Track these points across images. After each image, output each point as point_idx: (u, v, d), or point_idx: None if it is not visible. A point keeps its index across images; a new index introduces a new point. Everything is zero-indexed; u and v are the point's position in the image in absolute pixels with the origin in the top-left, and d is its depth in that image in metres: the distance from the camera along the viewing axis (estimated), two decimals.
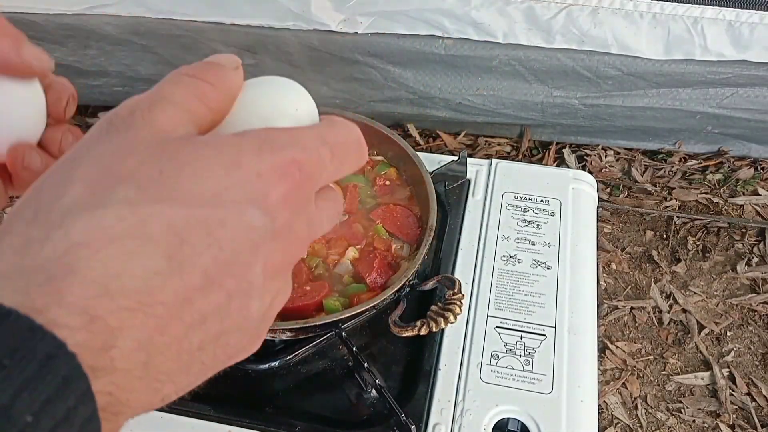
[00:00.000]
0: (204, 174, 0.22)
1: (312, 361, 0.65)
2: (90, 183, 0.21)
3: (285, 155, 0.23)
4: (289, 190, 0.23)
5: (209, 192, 0.21)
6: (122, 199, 0.20)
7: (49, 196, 0.21)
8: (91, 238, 0.19)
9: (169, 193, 0.21)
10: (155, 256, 0.20)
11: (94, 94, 1.40)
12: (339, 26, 1.18)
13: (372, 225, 0.70)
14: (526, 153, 1.43)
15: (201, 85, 0.25)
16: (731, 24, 1.11)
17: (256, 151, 0.23)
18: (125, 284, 0.19)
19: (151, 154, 0.22)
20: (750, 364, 1.12)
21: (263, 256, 0.23)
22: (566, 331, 0.66)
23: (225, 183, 0.22)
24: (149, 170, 0.21)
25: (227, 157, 0.22)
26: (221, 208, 0.21)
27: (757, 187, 1.37)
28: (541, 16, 1.14)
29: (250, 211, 0.22)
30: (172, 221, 0.20)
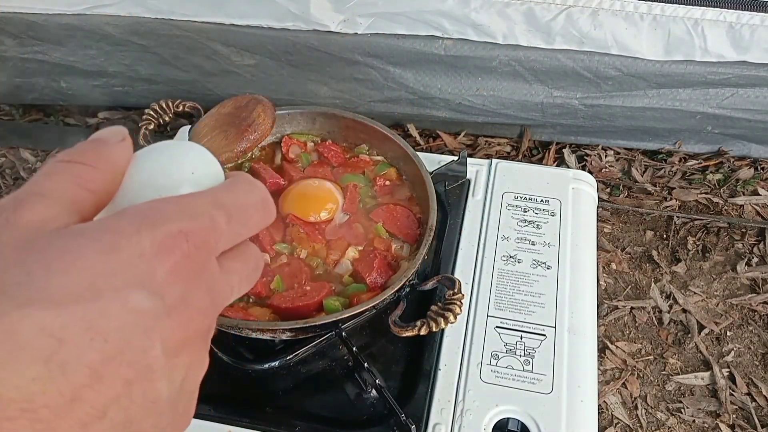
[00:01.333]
0: (77, 265, 0.20)
1: (312, 361, 0.65)
2: None
3: (169, 227, 0.22)
4: (177, 264, 0.22)
5: (84, 283, 0.20)
6: None
7: None
8: None
9: (38, 294, 0.19)
10: (29, 363, 0.19)
11: (94, 94, 1.40)
12: (338, 27, 1.18)
13: (372, 225, 0.70)
14: (526, 153, 1.43)
15: (78, 169, 0.24)
16: (732, 26, 1.11)
17: (136, 230, 0.22)
18: (1, 395, 0.18)
19: (16, 258, 0.20)
20: (750, 364, 1.12)
21: (159, 336, 0.21)
22: (566, 331, 0.66)
23: (101, 270, 0.21)
24: (14, 274, 0.20)
25: (103, 243, 0.21)
26: (99, 300, 0.20)
27: (757, 187, 1.37)
28: (541, 18, 1.14)
29: (133, 295, 0.21)
30: (44, 324, 0.19)
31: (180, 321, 0.22)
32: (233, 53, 1.24)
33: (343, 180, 0.75)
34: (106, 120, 1.54)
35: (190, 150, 0.28)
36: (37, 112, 1.57)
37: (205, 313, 0.24)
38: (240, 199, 0.25)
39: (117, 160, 0.25)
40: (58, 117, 1.55)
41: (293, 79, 1.29)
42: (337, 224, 0.70)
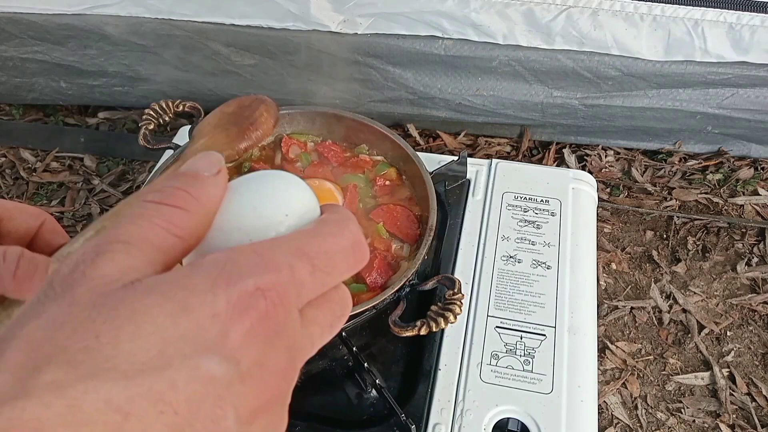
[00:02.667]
0: (146, 329, 0.19)
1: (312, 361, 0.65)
2: (16, 371, 0.18)
3: (245, 285, 0.20)
4: (253, 325, 0.20)
5: (153, 350, 0.19)
6: (49, 383, 0.18)
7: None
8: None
9: (104, 363, 0.18)
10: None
11: (94, 94, 1.40)
12: (338, 27, 1.18)
13: (372, 225, 0.70)
14: (526, 153, 1.43)
15: (169, 214, 0.22)
16: (732, 27, 1.11)
17: (210, 288, 0.20)
18: None
19: (87, 317, 0.19)
20: (750, 364, 1.12)
21: (231, 404, 0.20)
22: (566, 331, 0.66)
23: (171, 335, 0.19)
24: (83, 339, 0.19)
25: (174, 303, 0.19)
26: (168, 369, 0.19)
27: (757, 187, 1.37)
28: (541, 18, 1.14)
29: (204, 362, 0.19)
30: (109, 397, 0.18)
31: (255, 386, 0.21)
32: (233, 53, 1.24)
33: (343, 180, 0.75)
34: (106, 120, 1.54)
35: (287, 186, 0.25)
36: (37, 112, 1.57)
37: (284, 375, 0.22)
38: (326, 245, 0.23)
39: (211, 201, 0.23)
40: (58, 117, 1.55)
41: (293, 79, 1.29)
42: None
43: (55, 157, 1.47)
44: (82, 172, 1.45)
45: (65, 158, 1.47)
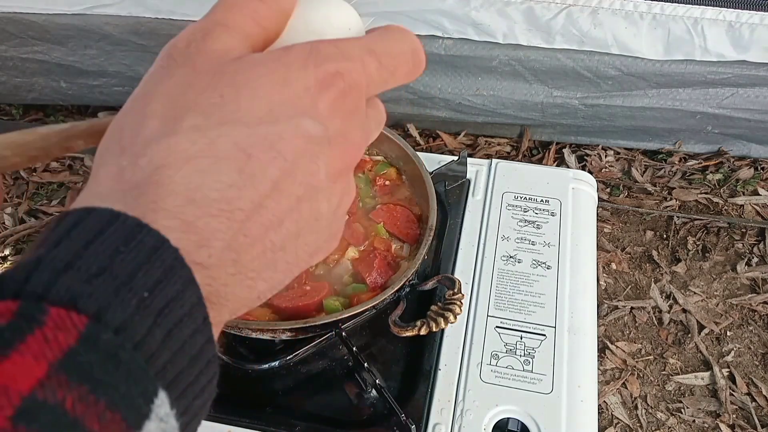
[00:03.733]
0: (259, 93, 0.24)
1: (312, 361, 0.65)
2: (162, 116, 0.23)
3: (328, 67, 0.25)
4: (335, 100, 0.25)
5: (265, 109, 0.24)
6: (191, 126, 0.23)
7: (130, 132, 0.24)
8: (170, 160, 0.22)
9: (231, 115, 0.23)
10: (228, 171, 0.23)
11: (94, 94, 1.40)
12: None
13: (372, 225, 0.70)
14: (526, 153, 1.43)
15: (255, 5, 0.26)
16: (731, 25, 1.11)
17: (302, 66, 0.25)
18: (206, 195, 0.22)
19: (210, 81, 0.24)
20: (750, 364, 1.12)
21: (324, 162, 0.25)
22: (566, 331, 0.66)
23: (278, 99, 0.24)
24: (210, 97, 0.23)
25: (277, 75, 0.24)
26: (278, 123, 0.24)
27: (757, 187, 1.37)
28: (541, 17, 1.14)
29: (303, 122, 0.24)
30: (237, 139, 0.23)
31: (339, 151, 0.26)
32: None
33: None
34: None
35: (348, 8, 0.30)
36: (37, 112, 1.57)
37: (357, 148, 0.27)
38: (391, 47, 0.27)
39: (287, 2, 0.28)
40: (58, 117, 1.55)
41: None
42: None
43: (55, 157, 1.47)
44: (82, 172, 1.45)
45: (65, 158, 1.47)
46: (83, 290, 0.19)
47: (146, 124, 0.23)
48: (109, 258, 0.20)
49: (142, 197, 0.22)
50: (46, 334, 0.18)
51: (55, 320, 0.18)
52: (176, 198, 0.22)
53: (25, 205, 1.38)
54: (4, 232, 1.32)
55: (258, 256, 0.24)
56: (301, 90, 0.24)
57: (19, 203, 1.38)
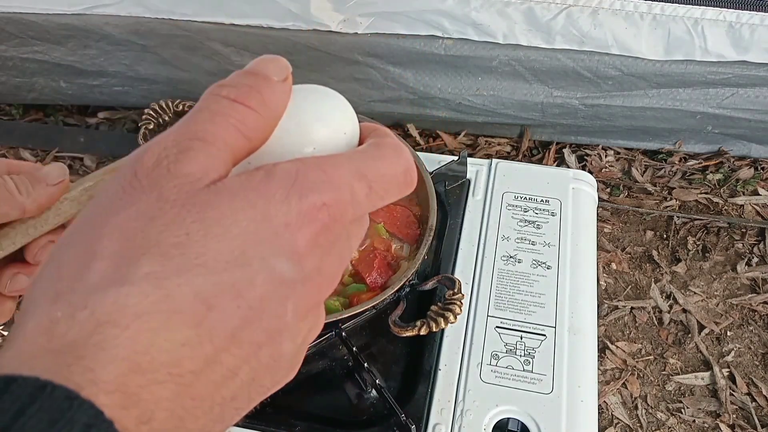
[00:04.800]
0: (232, 232, 0.21)
1: (312, 361, 0.65)
2: (113, 258, 0.20)
3: (313, 200, 0.22)
4: (316, 235, 0.22)
5: (237, 251, 0.21)
6: (146, 274, 0.20)
7: (70, 273, 0.20)
8: (117, 317, 0.19)
9: (194, 260, 0.20)
10: (182, 328, 0.20)
11: (94, 94, 1.40)
12: (339, 26, 1.18)
13: (372, 225, 0.70)
14: (526, 153, 1.43)
15: (242, 114, 0.23)
16: (732, 25, 1.11)
17: (284, 198, 0.22)
18: (154, 358, 0.19)
19: (176, 214, 0.21)
20: (750, 364, 1.12)
21: (293, 303, 0.22)
22: (566, 331, 0.66)
23: (253, 239, 0.21)
24: (174, 235, 0.20)
25: (256, 211, 0.21)
26: (249, 267, 0.21)
27: (757, 187, 1.37)
28: (541, 17, 1.14)
29: (278, 264, 0.21)
30: (198, 289, 0.20)
31: (312, 289, 0.23)
32: (233, 53, 1.24)
33: None
34: (106, 120, 1.54)
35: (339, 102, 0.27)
36: (37, 112, 1.57)
37: (333, 281, 0.24)
38: (383, 169, 0.25)
39: (278, 107, 0.25)
40: (58, 117, 1.55)
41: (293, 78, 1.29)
42: None
43: (55, 157, 1.47)
44: (82, 172, 1.45)
45: (65, 158, 1.47)
46: None
47: (93, 266, 0.20)
48: None
49: (77, 364, 0.18)
50: None
51: None
52: (119, 365, 0.19)
53: None
54: None
55: (204, 414, 0.21)
56: (280, 227, 0.21)
57: None
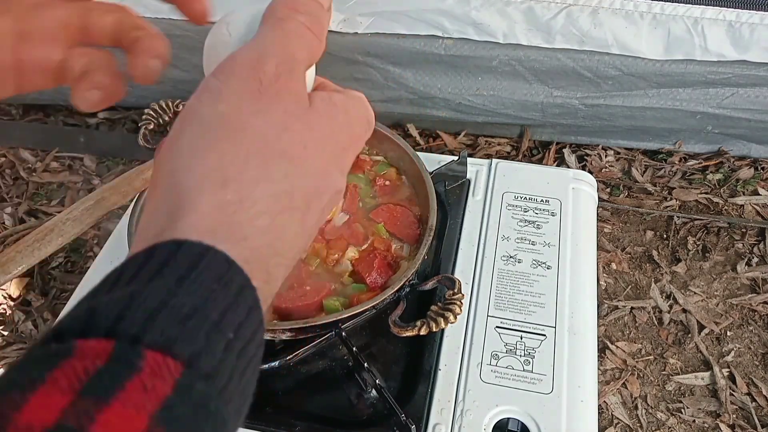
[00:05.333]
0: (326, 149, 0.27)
1: (312, 361, 0.65)
2: (262, 157, 0.25)
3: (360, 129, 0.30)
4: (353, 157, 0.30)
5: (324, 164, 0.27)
6: (284, 175, 0.25)
7: (233, 166, 0.24)
8: (268, 207, 0.24)
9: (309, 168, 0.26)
10: (294, 223, 0.25)
11: None
12: (339, 26, 1.18)
13: (372, 225, 0.70)
14: (526, 153, 1.43)
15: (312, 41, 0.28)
16: (731, 24, 1.11)
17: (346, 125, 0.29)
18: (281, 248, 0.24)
19: (299, 129, 0.26)
20: (750, 364, 1.12)
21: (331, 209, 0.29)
22: (566, 331, 0.66)
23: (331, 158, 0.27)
24: (299, 145, 0.26)
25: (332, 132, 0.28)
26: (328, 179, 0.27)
27: (757, 187, 1.37)
28: (541, 17, 1.14)
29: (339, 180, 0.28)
30: (306, 192, 0.25)
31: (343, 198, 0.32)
32: None
33: None
34: (106, 120, 1.54)
35: None
36: (37, 112, 1.57)
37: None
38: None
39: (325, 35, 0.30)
40: (58, 117, 1.55)
41: None
42: (336, 224, 0.70)
43: (55, 157, 1.47)
44: (82, 172, 1.44)
45: (65, 158, 1.47)
46: (178, 334, 0.19)
47: (249, 162, 0.24)
48: (203, 297, 0.20)
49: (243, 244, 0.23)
50: (144, 382, 0.18)
51: (151, 366, 0.18)
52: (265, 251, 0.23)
53: (25, 205, 1.38)
54: (4, 232, 1.32)
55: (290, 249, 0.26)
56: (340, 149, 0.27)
57: (19, 203, 1.38)
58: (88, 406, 0.17)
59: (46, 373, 0.17)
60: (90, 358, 0.18)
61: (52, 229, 0.34)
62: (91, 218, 0.34)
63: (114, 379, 0.17)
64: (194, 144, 0.25)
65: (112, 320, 0.19)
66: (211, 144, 0.25)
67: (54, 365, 0.17)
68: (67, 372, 0.17)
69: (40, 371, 0.17)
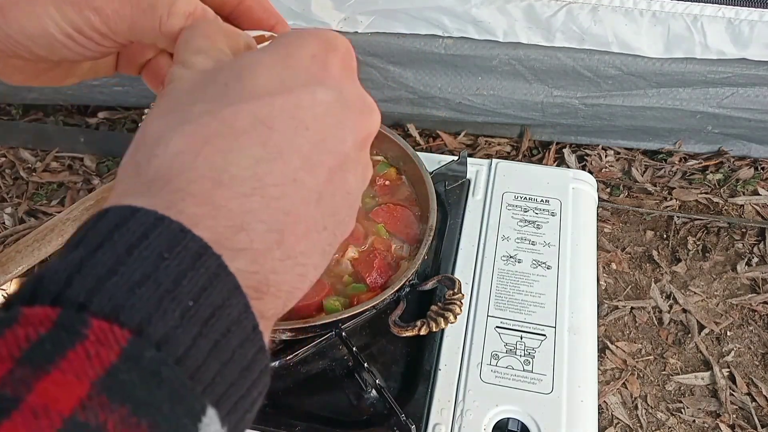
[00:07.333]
0: (264, 72, 0.23)
1: (312, 361, 0.65)
2: (168, 112, 0.23)
3: (326, 32, 0.25)
4: (343, 60, 0.25)
5: (275, 82, 0.23)
6: (201, 111, 0.22)
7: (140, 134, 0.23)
8: (186, 146, 0.21)
9: (240, 94, 0.23)
10: (251, 147, 0.22)
11: (94, 94, 1.40)
12: (339, 25, 1.18)
13: (372, 225, 0.70)
14: (526, 153, 1.43)
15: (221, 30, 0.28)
16: (731, 21, 1.11)
17: (299, 39, 0.25)
18: (234, 174, 0.21)
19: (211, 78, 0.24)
20: (750, 364, 1.12)
21: (350, 128, 0.24)
22: (566, 331, 0.66)
23: (286, 72, 0.24)
24: (215, 88, 0.23)
25: (278, 53, 0.24)
26: (291, 93, 0.23)
27: (757, 187, 1.37)
28: (541, 14, 1.14)
29: (317, 89, 0.24)
30: (254, 114, 0.22)
31: (362, 116, 0.25)
32: None
33: None
34: (106, 120, 1.54)
35: None
36: (37, 112, 1.57)
37: (376, 111, 0.27)
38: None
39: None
40: (58, 117, 1.55)
41: None
42: None
43: (55, 157, 1.47)
44: (82, 172, 1.44)
45: (65, 158, 1.47)
46: (126, 301, 0.18)
47: (154, 123, 0.23)
48: (153, 265, 0.19)
49: (167, 186, 0.21)
50: (87, 350, 0.17)
51: (97, 334, 0.17)
52: (203, 183, 0.21)
53: (25, 204, 1.38)
54: (4, 231, 1.32)
55: (303, 235, 0.23)
56: (307, 58, 0.24)
57: (19, 203, 1.38)
58: (26, 374, 0.16)
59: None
60: (33, 325, 0.17)
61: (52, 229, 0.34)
62: None
63: (56, 347, 0.17)
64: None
65: (58, 285, 0.18)
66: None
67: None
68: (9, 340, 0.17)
69: None
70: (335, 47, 0.25)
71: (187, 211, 0.20)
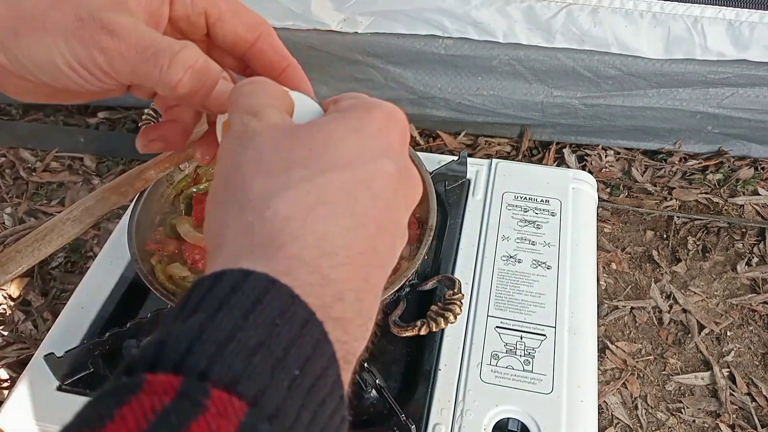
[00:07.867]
0: (343, 142, 0.25)
1: None
2: (266, 174, 0.24)
3: (387, 106, 0.27)
4: (401, 134, 0.28)
5: (353, 154, 0.25)
6: (299, 178, 0.24)
7: (241, 193, 0.24)
8: (294, 212, 0.23)
9: (327, 164, 0.24)
10: (343, 215, 0.23)
11: None
12: (339, 26, 1.18)
13: None
14: (526, 153, 1.43)
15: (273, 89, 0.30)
16: (731, 23, 1.11)
17: (367, 113, 0.27)
18: (333, 243, 0.23)
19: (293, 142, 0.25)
20: (750, 364, 1.12)
21: (402, 197, 0.26)
22: (566, 331, 0.66)
23: (360, 144, 0.25)
24: (301, 152, 0.25)
25: (349, 125, 0.26)
26: (367, 165, 0.25)
27: (757, 187, 1.37)
28: (541, 16, 1.14)
29: (385, 162, 0.26)
30: (341, 184, 0.24)
31: (409, 183, 0.27)
32: None
33: None
34: (106, 120, 1.54)
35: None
36: (37, 112, 1.57)
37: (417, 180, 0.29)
38: None
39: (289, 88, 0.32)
40: (58, 117, 1.55)
41: None
42: None
43: (54, 157, 1.47)
44: (82, 172, 1.44)
45: (65, 158, 1.47)
46: (243, 370, 0.19)
47: (254, 182, 0.24)
48: (267, 331, 0.20)
49: (281, 252, 0.22)
50: (209, 423, 0.17)
51: (217, 406, 0.18)
52: (311, 250, 0.22)
53: (25, 205, 1.38)
54: (3, 231, 1.32)
55: (374, 300, 0.24)
56: (374, 132, 0.26)
57: (18, 203, 1.38)
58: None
59: (114, 409, 0.17)
60: (158, 394, 0.17)
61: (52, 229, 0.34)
62: (91, 218, 0.34)
63: (180, 420, 0.17)
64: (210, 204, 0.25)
65: (181, 354, 0.19)
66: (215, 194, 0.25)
67: (123, 402, 0.17)
68: (135, 409, 0.17)
69: (110, 408, 0.17)
70: (397, 121, 0.27)
71: (301, 278, 0.21)
